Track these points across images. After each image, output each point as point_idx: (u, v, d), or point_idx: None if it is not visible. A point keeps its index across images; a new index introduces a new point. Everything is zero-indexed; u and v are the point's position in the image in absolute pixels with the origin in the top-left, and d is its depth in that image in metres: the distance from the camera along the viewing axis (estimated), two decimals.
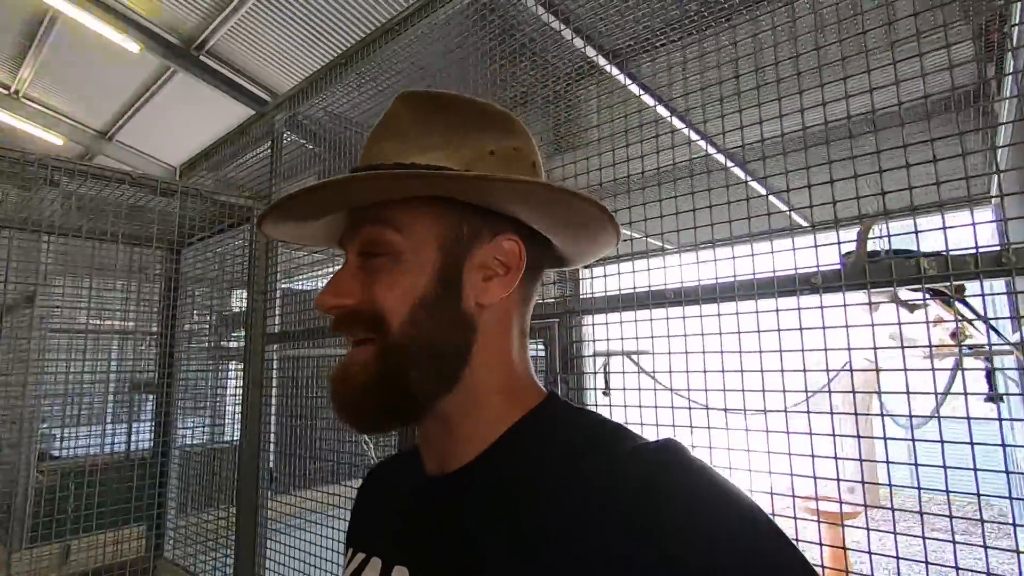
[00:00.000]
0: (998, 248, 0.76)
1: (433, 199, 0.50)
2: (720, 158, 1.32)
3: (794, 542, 0.40)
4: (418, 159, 0.50)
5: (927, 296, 1.40)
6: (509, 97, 1.70)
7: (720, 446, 0.95)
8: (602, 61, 1.98)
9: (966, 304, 1.58)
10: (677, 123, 1.19)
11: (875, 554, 0.81)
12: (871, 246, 0.95)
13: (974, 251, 0.78)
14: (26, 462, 2.51)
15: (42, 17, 5.60)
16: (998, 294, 1.72)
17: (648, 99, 1.81)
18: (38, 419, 2.50)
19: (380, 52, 1.60)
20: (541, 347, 0.97)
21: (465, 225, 0.51)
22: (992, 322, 1.80)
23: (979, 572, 0.77)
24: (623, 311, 0.94)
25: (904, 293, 1.22)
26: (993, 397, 1.32)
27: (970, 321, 1.82)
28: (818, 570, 0.40)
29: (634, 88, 1.80)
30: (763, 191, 1.07)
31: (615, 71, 1.86)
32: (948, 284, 0.79)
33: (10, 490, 2.40)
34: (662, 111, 1.89)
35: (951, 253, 0.79)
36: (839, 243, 0.95)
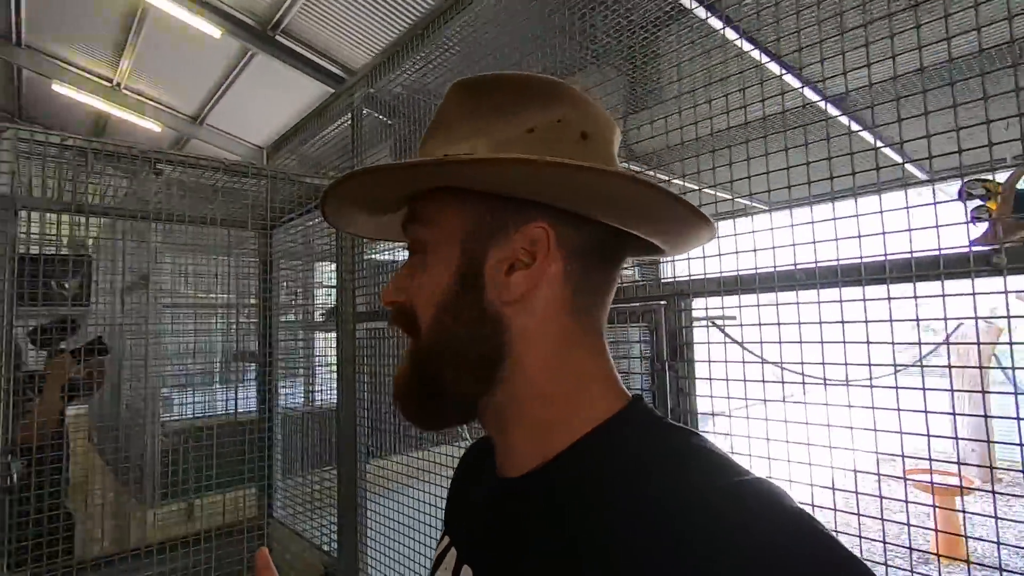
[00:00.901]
0: None
1: (458, 191, 0.47)
2: (830, 107, 1.18)
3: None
4: (450, 150, 0.48)
5: None
6: (590, 52, 1.60)
7: (819, 422, 0.86)
8: (687, 3, 1.82)
9: None
10: (773, 69, 1.06)
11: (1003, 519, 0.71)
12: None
13: None
14: (152, 425, 2.78)
15: (136, 11, 5.95)
16: None
17: (740, 44, 1.64)
18: (159, 386, 2.75)
19: (459, 17, 1.54)
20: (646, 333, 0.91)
21: (489, 215, 0.47)
22: None
23: None
24: (742, 294, 0.85)
25: None
26: None
27: None
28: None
29: (725, 32, 1.64)
30: (873, 141, 0.92)
31: (702, 13, 1.71)
32: None
33: (142, 451, 2.67)
34: (756, 56, 1.72)
35: None
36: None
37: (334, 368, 1.95)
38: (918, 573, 0.79)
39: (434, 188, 0.49)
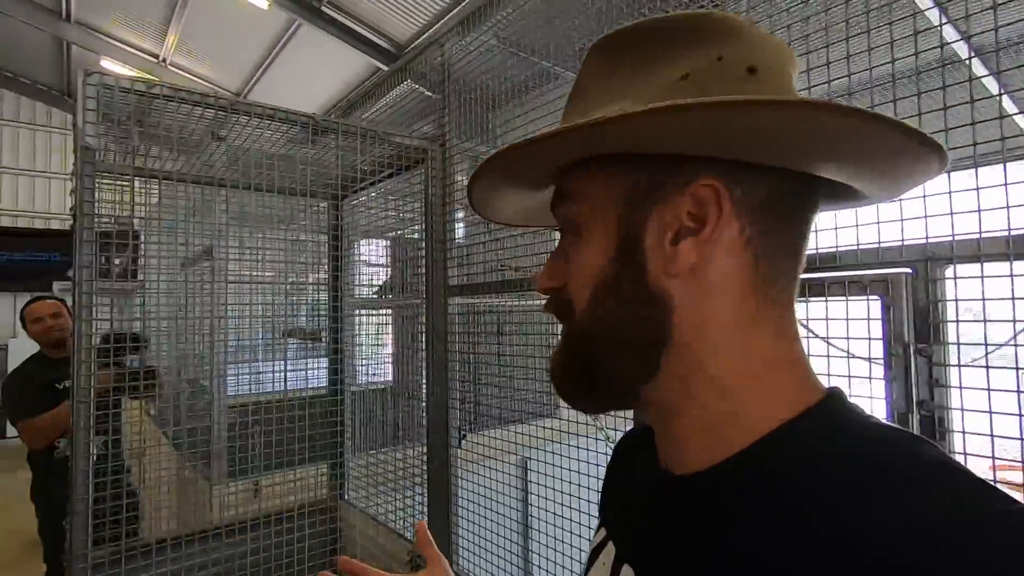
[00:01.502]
0: None
1: (608, 159, 0.43)
2: None
3: None
4: (597, 115, 0.40)
5: None
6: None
7: None
8: None
9: None
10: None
11: None
12: None
13: None
14: (218, 401, 2.72)
15: None
16: None
17: None
18: (225, 362, 2.68)
19: None
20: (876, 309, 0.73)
21: (644, 179, 0.42)
22: None
23: None
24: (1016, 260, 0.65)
25: None
26: None
27: None
28: None
29: None
30: None
31: None
32: None
33: (209, 427, 2.62)
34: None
35: None
36: None
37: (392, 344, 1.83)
38: None
39: (582, 160, 0.45)
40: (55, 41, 7.49)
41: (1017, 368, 0.68)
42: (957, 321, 0.73)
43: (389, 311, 2.56)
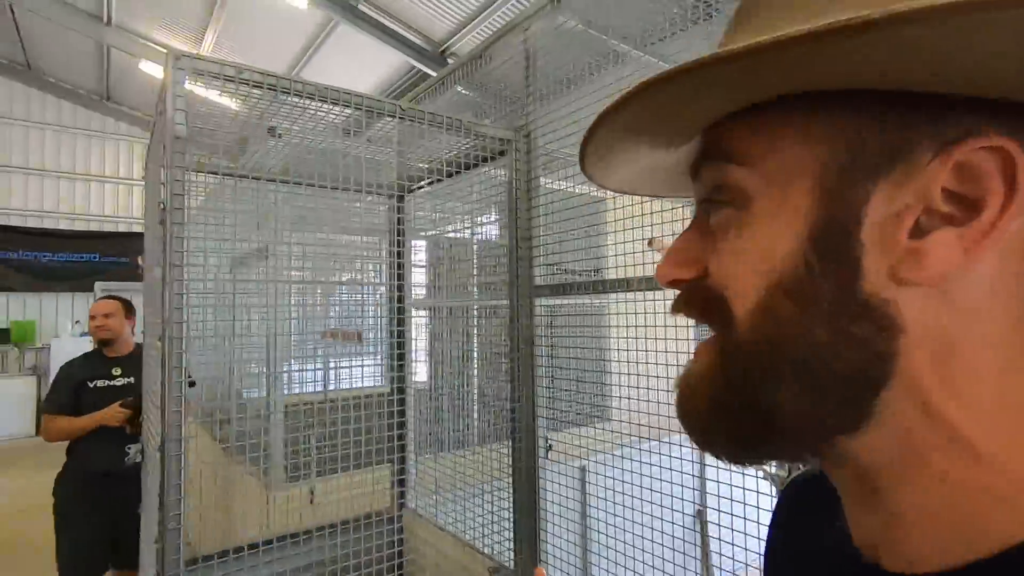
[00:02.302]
0: None
1: (802, 101, 0.29)
2: None
3: None
4: (790, 30, 0.25)
5: None
6: None
7: None
8: None
9: None
10: None
11: None
12: None
13: None
14: (276, 404, 2.66)
15: None
16: None
17: None
18: (281, 364, 2.63)
19: None
20: None
21: (869, 134, 0.28)
22: None
23: None
24: None
25: None
26: None
27: None
28: None
29: None
30: None
31: None
32: None
33: (266, 429, 2.56)
34: None
35: None
36: None
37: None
38: None
39: (750, 107, 0.31)
40: (96, 46, 7.61)
41: None
42: None
43: (455, 309, 2.48)
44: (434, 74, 6.37)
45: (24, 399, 7.52)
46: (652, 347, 1.42)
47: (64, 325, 8.24)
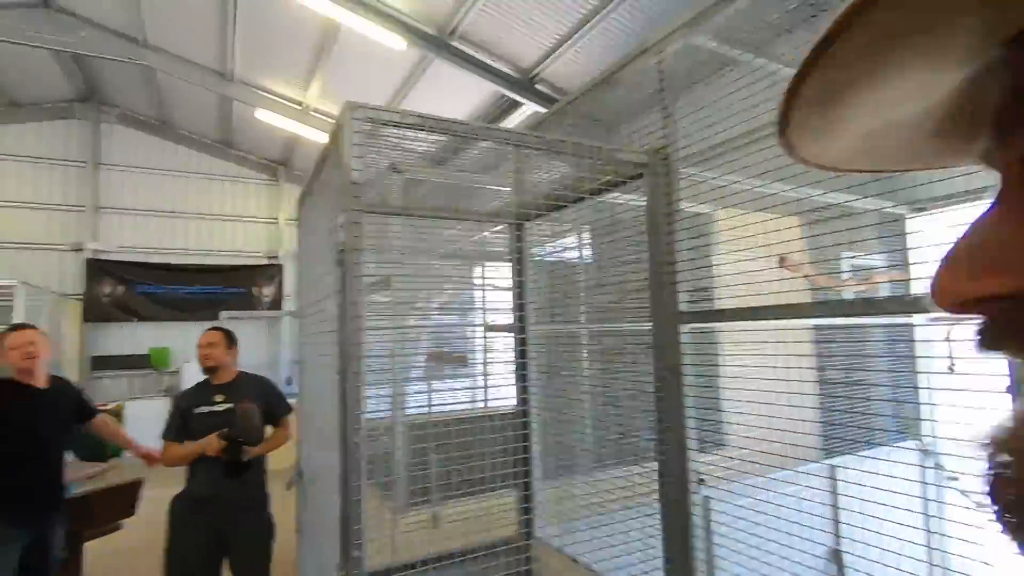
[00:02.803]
0: None
1: None
2: None
3: None
4: None
5: None
6: None
7: None
8: None
9: None
10: None
11: None
12: None
13: None
14: (397, 423, 2.74)
15: (329, 33, 6.39)
16: None
17: None
18: (403, 389, 2.71)
19: None
20: None
21: None
22: None
23: None
24: None
25: None
26: None
27: None
28: None
29: None
30: None
31: None
32: None
33: (392, 453, 2.64)
34: None
35: None
36: None
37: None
38: None
39: None
40: (223, 100, 8.46)
41: None
42: None
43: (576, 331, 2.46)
44: (523, 101, 6.49)
45: (163, 417, 8.31)
46: (783, 376, 1.34)
47: (193, 351, 9.08)
